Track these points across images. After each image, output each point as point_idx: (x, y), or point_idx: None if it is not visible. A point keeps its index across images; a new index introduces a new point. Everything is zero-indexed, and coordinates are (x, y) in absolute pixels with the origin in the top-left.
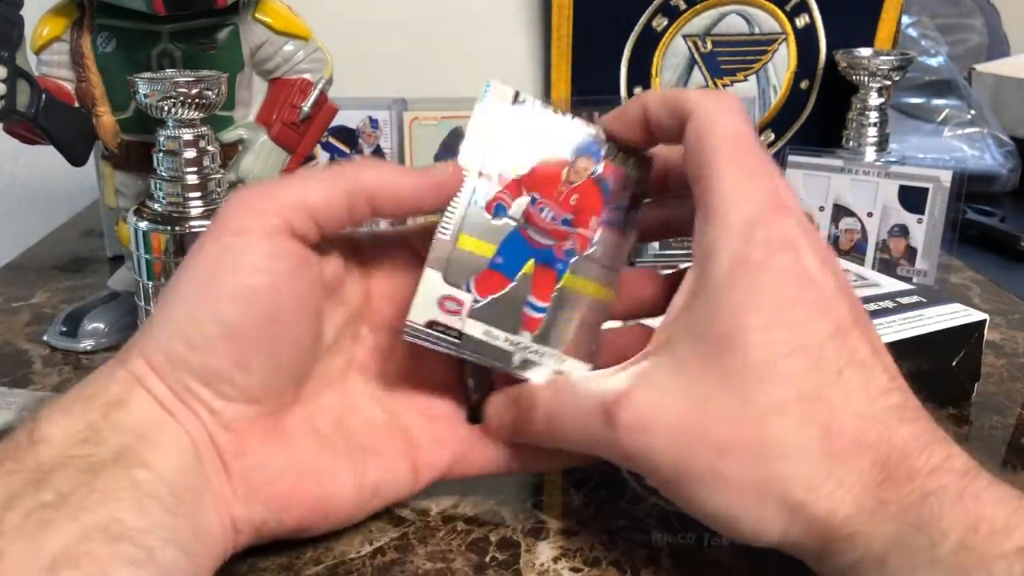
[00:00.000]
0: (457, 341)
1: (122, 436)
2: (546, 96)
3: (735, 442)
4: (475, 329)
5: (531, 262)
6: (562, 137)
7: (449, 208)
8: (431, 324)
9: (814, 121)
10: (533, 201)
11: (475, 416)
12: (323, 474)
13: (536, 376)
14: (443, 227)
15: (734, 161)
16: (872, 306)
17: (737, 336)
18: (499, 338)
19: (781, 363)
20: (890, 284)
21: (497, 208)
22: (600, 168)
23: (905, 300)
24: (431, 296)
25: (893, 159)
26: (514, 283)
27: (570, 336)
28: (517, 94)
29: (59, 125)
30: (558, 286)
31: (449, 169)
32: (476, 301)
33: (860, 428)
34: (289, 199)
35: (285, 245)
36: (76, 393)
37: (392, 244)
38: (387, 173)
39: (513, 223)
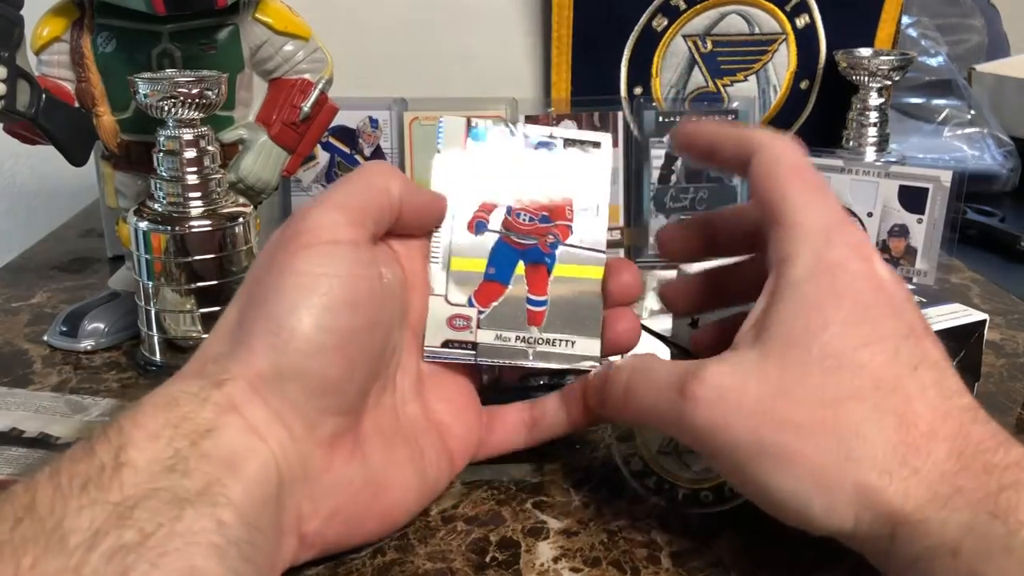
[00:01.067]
0: (473, 352)
1: (210, 466)
2: (546, 96)
3: (814, 423)
4: (487, 337)
5: (521, 263)
6: (521, 144)
7: (434, 238)
8: (446, 343)
9: (814, 121)
10: (508, 210)
11: (486, 398)
12: (394, 485)
13: (552, 364)
14: (434, 256)
15: (803, 182)
16: None
17: (819, 328)
18: (510, 339)
19: (860, 353)
20: None
21: (478, 226)
22: None
23: None
24: (440, 319)
25: (893, 159)
26: (510, 286)
27: (575, 318)
28: (469, 120)
29: (59, 125)
30: (551, 277)
31: (442, 195)
32: (480, 312)
33: (935, 420)
34: (357, 207)
35: (371, 251)
36: (163, 415)
37: (416, 244)
38: (407, 182)
39: (495, 234)
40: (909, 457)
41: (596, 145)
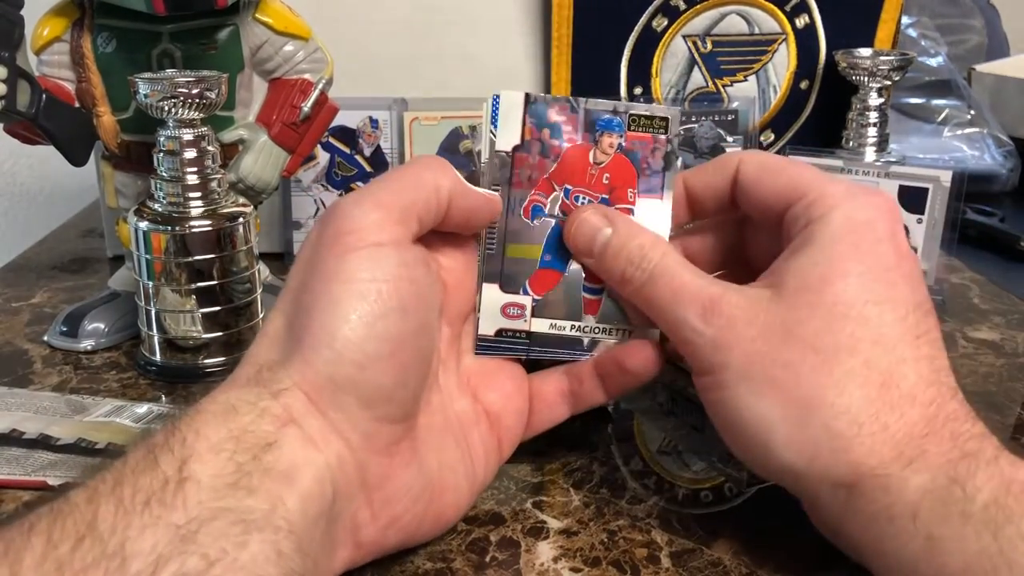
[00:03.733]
0: (526, 341)
1: (272, 482)
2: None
3: (803, 363)
4: (541, 326)
5: None
6: (581, 122)
7: (490, 224)
8: (499, 332)
9: (814, 121)
10: (567, 193)
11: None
12: (448, 487)
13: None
14: (489, 243)
15: (806, 168)
16: None
17: (837, 276)
18: (565, 327)
19: (870, 308)
20: None
21: (534, 211)
22: (624, 140)
23: None
24: (494, 307)
25: (893, 159)
26: (567, 274)
27: (632, 307)
28: (528, 96)
29: (59, 125)
30: None
31: (495, 195)
32: (535, 300)
33: (918, 386)
34: (401, 205)
35: (414, 252)
36: (224, 427)
37: (454, 236)
38: (459, 180)
39: (552, 219)
40: (882, 414)
41: (663, 122)
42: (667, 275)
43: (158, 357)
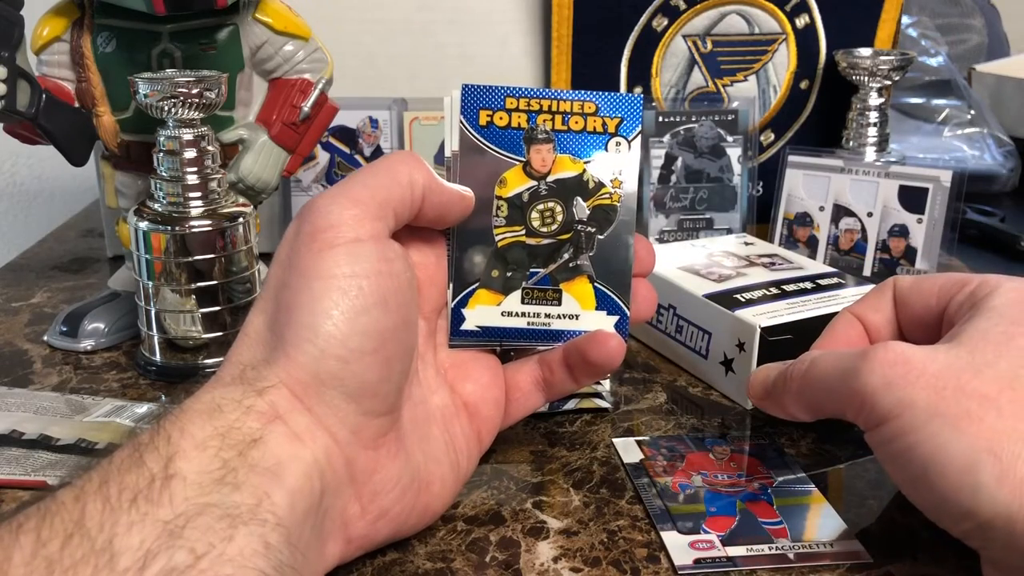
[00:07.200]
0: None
1: (258, 478)
2: None
3: (1002, 395)
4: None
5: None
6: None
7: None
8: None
9: (814, 121)
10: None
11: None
12: (434, 479)
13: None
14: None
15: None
16: (792, 286)
17: (1019, 334)
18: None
19: None
20: (812, 267)
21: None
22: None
23: (824, 281)
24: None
25: (893, 159)
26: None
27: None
28: None
29: (59, 125)
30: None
31: (468, 191)
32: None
33: None
34: (376, 200)
35: (393, 247)
36: (210, 424)
37: (424, 232)
38: (432, 176)
39: None
40: None
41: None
42: (824, 356)
43: (158, 357)
